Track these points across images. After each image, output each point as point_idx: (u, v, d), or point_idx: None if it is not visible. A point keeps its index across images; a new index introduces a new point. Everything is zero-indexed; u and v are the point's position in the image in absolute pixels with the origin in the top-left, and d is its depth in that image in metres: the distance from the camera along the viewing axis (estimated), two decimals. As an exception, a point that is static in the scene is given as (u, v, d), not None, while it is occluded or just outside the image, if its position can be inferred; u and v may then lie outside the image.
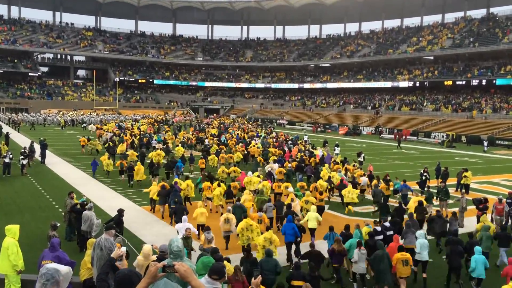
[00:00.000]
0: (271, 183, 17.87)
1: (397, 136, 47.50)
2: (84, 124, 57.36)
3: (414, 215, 13.29)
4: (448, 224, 12.98)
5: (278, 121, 76.26)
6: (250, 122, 68.87)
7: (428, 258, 10.68)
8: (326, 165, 22.89)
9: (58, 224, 10.99)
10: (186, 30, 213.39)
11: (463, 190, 19.48)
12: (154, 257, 7.22)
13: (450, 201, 17.81)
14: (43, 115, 65.41)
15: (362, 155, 28.94)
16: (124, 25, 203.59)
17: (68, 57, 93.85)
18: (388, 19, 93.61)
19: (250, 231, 11.37)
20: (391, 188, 18.90)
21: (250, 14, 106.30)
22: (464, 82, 65.50)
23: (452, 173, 23.71)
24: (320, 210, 14.67)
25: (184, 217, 11.73)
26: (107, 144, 30.33)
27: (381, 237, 10.96)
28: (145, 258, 7.52)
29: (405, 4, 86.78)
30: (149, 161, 23.82)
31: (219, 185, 16.32)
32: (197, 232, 12.04)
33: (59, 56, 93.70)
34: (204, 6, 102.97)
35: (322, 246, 11.41)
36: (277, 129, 60.70)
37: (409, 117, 65.00)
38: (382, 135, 57.85)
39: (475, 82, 63.77)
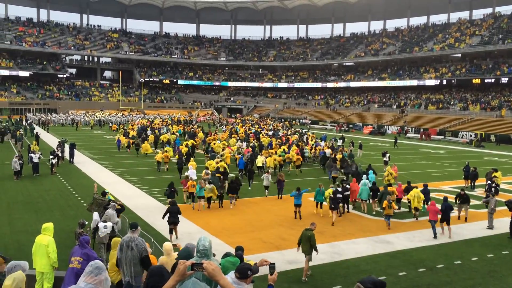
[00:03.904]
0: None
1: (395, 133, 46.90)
2: (110, 124, 58.57)
3: (338, 163, 24.51)
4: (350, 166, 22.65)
5: (301, 120, 75.94)
6: (276, 121, 69.02)
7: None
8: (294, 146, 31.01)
9: (86, 222, 11.22)
10: (209, 30, 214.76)
11: (493, 190, 18.98)
12: (175, 254, 7.22)
13: (478, 202, 17.36)
14: (71, 116, 66.88)
15: (387, 155, 28.45)
16: (149, 27, 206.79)
17: (95, 59, 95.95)
18: (414, 16, 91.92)
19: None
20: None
21: (273, 13, 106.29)
22: (493, 80, 63.82)
23: (481, 173, 23.16)
24: (281, 165, 25.93)
25: (190, 166, 20.92)
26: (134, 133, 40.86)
27: (340, 196, 15.91)
28: (167, 255, 7.48)
29: (431, 0, 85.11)
30: (161, 141, 35.99)
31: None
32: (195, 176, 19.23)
33: (86, 58, 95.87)
34: (227, 6, 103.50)
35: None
36: (299, 128, 60.30)
37: (436, 116, 63.68)
38: (407, 135, 56.99)
39: (504, 80, 62.05)
